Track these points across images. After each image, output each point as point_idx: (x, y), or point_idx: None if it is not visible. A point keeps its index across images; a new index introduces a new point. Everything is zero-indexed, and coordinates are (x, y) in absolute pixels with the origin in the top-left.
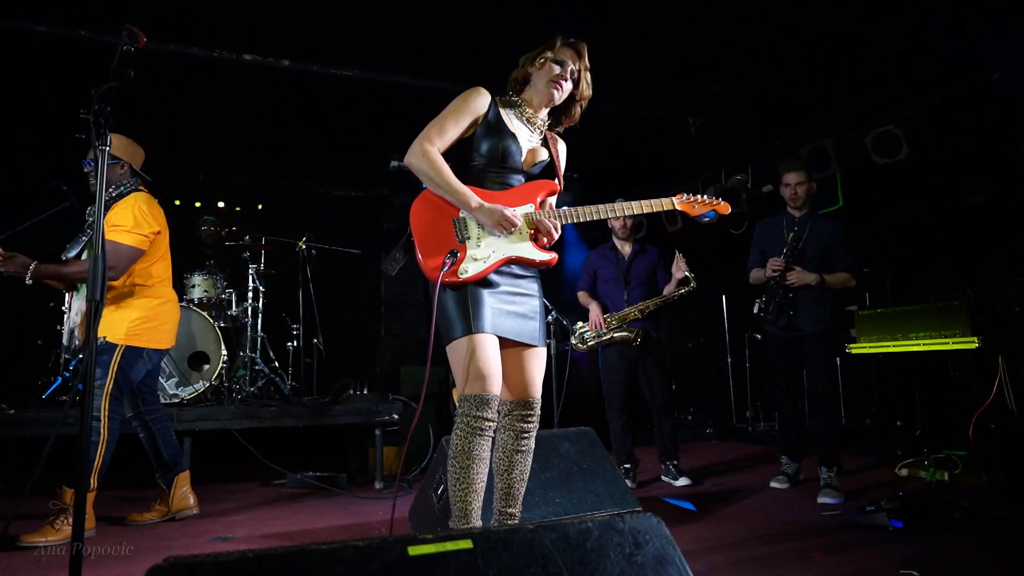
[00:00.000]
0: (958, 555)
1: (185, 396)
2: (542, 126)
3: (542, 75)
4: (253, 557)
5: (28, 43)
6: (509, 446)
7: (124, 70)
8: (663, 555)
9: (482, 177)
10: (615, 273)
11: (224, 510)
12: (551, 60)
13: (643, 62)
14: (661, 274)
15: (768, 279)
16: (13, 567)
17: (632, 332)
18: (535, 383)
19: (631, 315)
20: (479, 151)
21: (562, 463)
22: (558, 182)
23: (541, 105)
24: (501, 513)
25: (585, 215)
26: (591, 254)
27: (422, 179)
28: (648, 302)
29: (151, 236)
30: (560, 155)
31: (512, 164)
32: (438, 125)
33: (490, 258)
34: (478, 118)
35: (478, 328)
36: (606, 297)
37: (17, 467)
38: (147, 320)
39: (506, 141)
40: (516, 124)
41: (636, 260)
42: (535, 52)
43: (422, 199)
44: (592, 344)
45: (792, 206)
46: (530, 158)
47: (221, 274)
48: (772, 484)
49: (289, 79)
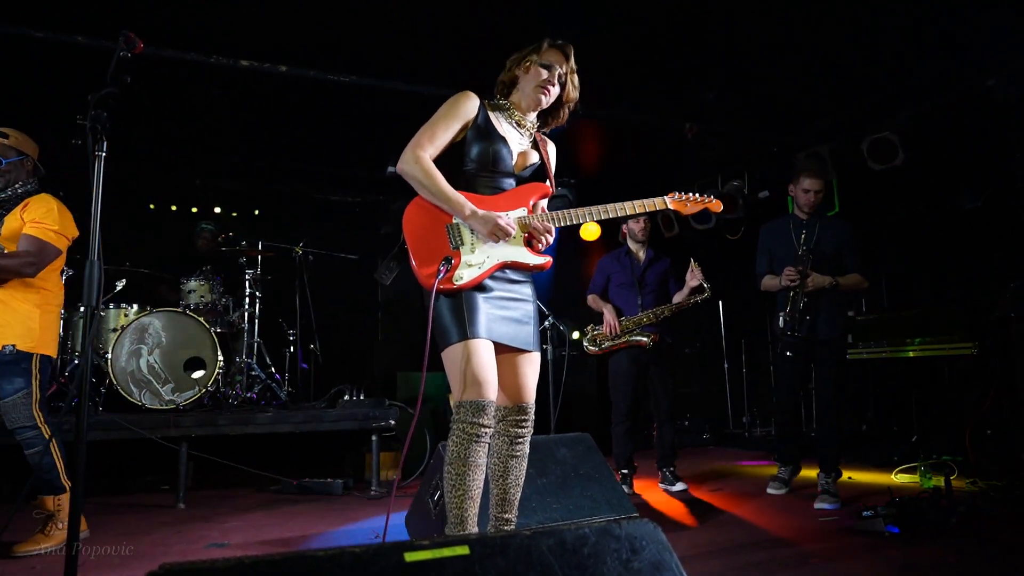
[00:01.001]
0: (955, 560)
1: (181, 402)
2: (531, 128)
3: (529, 79)
4: (249, 564)
5: (25, 49)
6: (504, 451)
7: (121, 76)
8: (660, 561)
9: (474, 182)
10: (629, 278)
11: (220, 516)
12: (538, 64)
13: (640, 68)
14: (672, 282)
15: (786, 287)
16: (8, 572)
17: (647, 336)
18: (529, 388)
19: (645, 320)
20: (470, 156)
21: (559, 469)
22: (550, 184)
23: (529, 108)
24: (497, 519)
25: (578, 217)
26: (605, 258)
27: (415, 186)
28: (663, 308)
29: (70, 241)
30: (550, 157)
31: (503, 168)
32: (428, 131)
33: (484, 264)
34: (468, 122)
35: (473, 334)
36: (619, 301)
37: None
38: (48, 328)
39: (497, 145)
40: (506, 127)
41: (651, 266)
42: (521, 54)
43: (414, 206)
44: (606, 347)
45: (804, 211)
46: (521, 161)
47: (218, 279)
48: (769, 490)
49: (286, 85)
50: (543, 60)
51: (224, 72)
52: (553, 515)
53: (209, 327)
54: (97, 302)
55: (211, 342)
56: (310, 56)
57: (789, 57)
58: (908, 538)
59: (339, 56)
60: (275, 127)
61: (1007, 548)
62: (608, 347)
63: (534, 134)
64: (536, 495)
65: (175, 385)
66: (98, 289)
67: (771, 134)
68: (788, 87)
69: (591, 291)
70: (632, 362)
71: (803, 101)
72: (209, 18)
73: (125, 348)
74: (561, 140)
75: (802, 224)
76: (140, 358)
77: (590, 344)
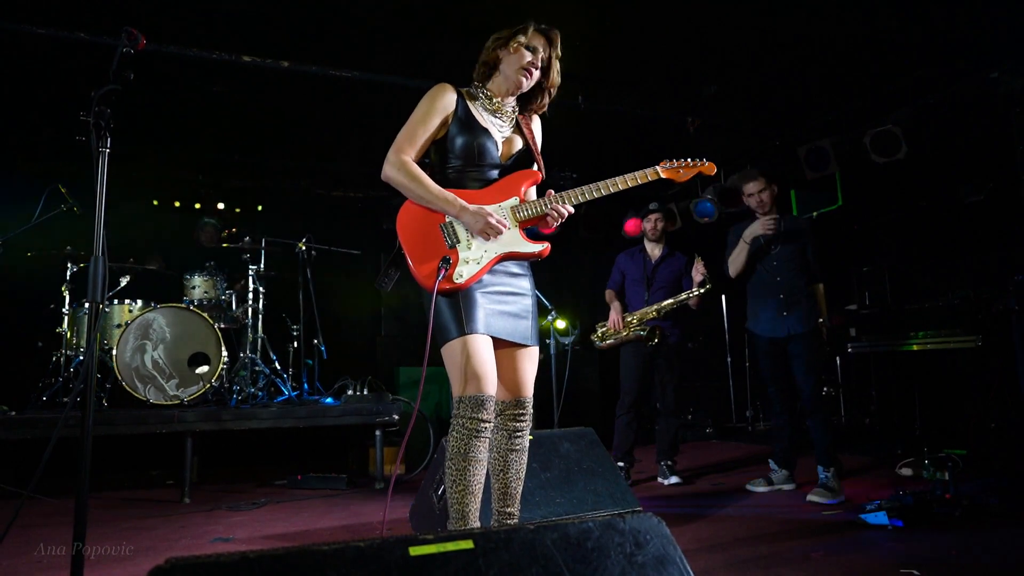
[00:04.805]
0: (959, 554)
1: (185, 397)
2: (512, 114)
3: (513, 61)
4: (254, 558)
5: (28, 46)
6: (503, 446)
7: (123, 72)
8: (664, 555)
9: (461, 177)
10: (640, 275)
11: (225, 511)
12: (523, 46)
13: (642, 62)
14: (686, 281)
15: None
16: (13, 569)
17: (646, 330)
18: (527, 382)
19: (649, 314)
20: (454, 152)
21: (563, 463)
22: (538, 167)
23: (508, 93)
24: (500, 513)
25: (573, 198)
26: (621, 255)
27: (403, 191)
28: (665, 303)
29: None
30: (536, 136)
31: (490, 160)
32: (407, 133)
33: (483, 258)
34: (448, 117)
35: (471, 329)
36: (631, 297)
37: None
38: None
39: (480, 139)
40: (486, 117)
41: (663, 264)
42: (505, 35)
43: (406, 210)
44: (610, 342)
45: (761, 213)
46: (506, 150)
47: (221, 275)
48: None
49: (288, 80)
50: (529, 43)
51: (226, 68)
52: (557, 510)
53: (213, 323)
54: (102, 298)
55: (215, 338)
56: (312, 52)
57: (791, 50)
58: (912, 532)
59: (341, 51)
60: (277, 123)
61: (1011, 541)
62: (612, 342)
63: (515, 118)
64: (539, 489)
65: (179, 381)
66: (103, 285)
67: (773, 128)
68: (790, 80)
69: (608, 287)
70: (637, 355)
71: (805, 94)
72: (211, 14)
73: (130, 344)
74: (563, 134)
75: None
76: (144, 354)
77: (597, 339)
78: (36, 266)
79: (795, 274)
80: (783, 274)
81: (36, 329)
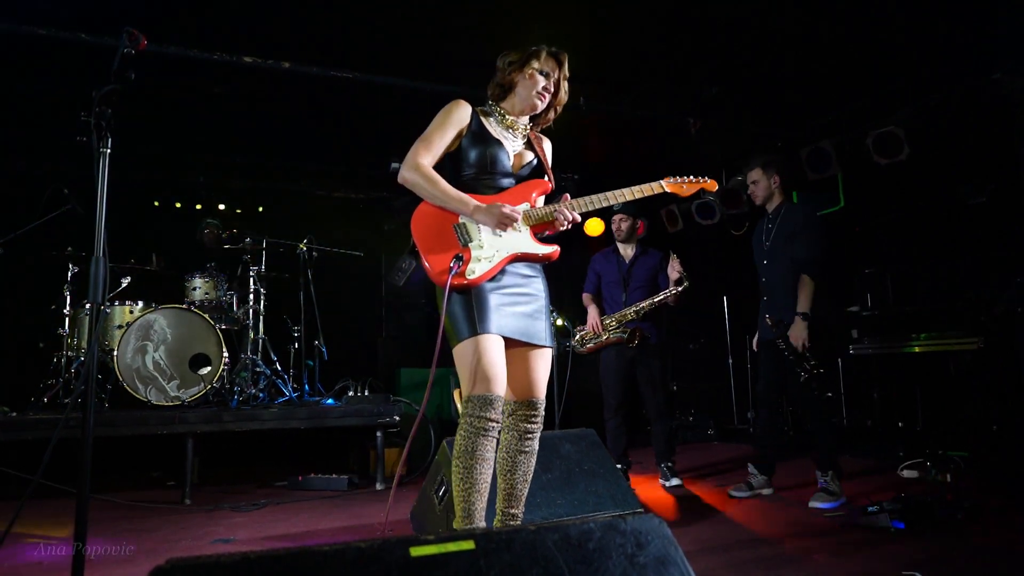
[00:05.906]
0: (961, 556)
1: (186, 398)
2: (524, 130)
3: (528, 85)
4: (255, 558)
5: (29, 46)
6: (513, 446)
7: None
8: (665, 556)
9: (475, 185)
10: (616, 276)
11: (226, 512)
12: (538, 72)
13: (643, 64)
14: (663, 277)
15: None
16: (14, 569)
17: (627, 332)
18: (540, 384)
19: (628, 316)
20: (468, 161)
21: (564, 464)
22: (548, 180)
23: (523, 112)
24: (504, 513)
25: (578, 206)
26: (596, 256)
27: (419, 193)
28: (643, 303)
29: None
30: (547, 152)
31: (502, 169)
32: (424, 140)
33: (495, 257)
34: (462, 129)
35: (484, 329)
36: (608, 299)
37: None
38: None
39: (493, 148)
40: (499, 131)
41: (637, 263)
42: (518, 60)
43: (421, 210)
44: (590, 346)
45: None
46: (517, 162)
47: (222, 276)
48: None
49: (289, 81)
50: (543, 68)
51: (227, 69)
52: (558, 511)
53: (214, 324)
54: (103, 299)
55: (216, 339)
56: (313, 52)
57: (793, 51)
58: (914, 534)
59: (342, 52)
60: (278, 124)
61: (1014, 543)
62: (591, 346)
63: (527, 134)
64: (540, 491)
65: (180, 381)
66: (104, 286)
67: (775, 129)
68: (792, 81)
69: (585, 290)
70: (618, 358)
71: (807, 95)
72: (212, 15)
73: (131, 345)
74: (565, 135)
75: (767, 218)
76: (145, 355)
77: (577, 344)
78: (37, 267)
79: (780, 276)
80: (768, 275)
81: (37, 330)
